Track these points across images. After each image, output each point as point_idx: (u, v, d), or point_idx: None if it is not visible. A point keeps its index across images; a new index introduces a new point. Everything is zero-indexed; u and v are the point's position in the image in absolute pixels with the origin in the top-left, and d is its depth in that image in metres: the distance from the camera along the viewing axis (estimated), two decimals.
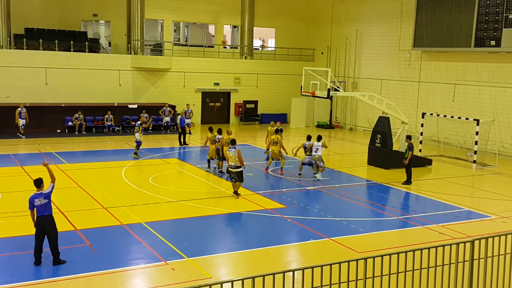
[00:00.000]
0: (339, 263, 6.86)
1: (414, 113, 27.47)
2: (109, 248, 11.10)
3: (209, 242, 11.89)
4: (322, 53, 34.97)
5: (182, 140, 24.25)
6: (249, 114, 34.04)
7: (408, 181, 17.68)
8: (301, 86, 22.98)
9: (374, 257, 7.14)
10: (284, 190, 16.73)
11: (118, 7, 31.21)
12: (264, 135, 22.28)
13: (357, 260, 6.97)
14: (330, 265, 6.72)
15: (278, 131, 20.11)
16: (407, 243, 11.88)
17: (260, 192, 16.15)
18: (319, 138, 18.29)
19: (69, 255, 10.56)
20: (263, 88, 34.20)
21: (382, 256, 7.19)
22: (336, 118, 33.76)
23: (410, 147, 17.54)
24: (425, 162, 21.02)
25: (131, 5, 30.83)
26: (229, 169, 15.47)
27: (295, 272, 7.07)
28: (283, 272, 6.55)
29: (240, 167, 15.27)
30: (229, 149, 15.43)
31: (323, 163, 18.29)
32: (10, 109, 25.45)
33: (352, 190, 17.01)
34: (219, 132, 19.01)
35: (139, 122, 21.54)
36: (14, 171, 17.75)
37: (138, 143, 21.29)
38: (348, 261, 6.94)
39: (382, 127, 20.71)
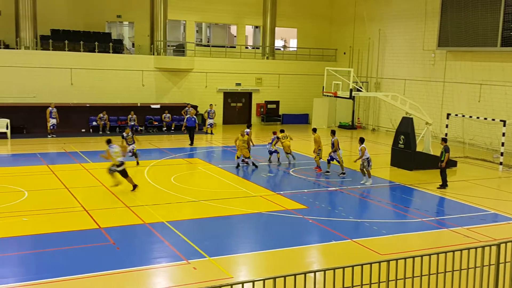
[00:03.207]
0: (361, 265, 6.80)
1: (439, 113, 27.09)
2: (132, 246, 11.20)
3: (231, 242, 11.91)
4: (344, 53, 34.76)
5: (192, 141, 24.28)
6: (271, 114, 34.02)
7: (444, 185, 17.24)
8: (323, 87, 22.86)
9: (397, 260, 7.05)
10: (305, 190, 16.66)
11: (141, 9, 31.51)
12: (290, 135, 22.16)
13: (379, 262, 6.90)
14: (352, 266, 6.67)
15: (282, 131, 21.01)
16: (431, 245, 11.70)
17: (281, 192, 16.12)
18: (361, 140, 17.72)
19: (93, 253, 10.70)
20: (285, 89, 34.14)
21: (405, 258, 7.10)
22: (358, 118, 33.50)
23: (447, 149, 17.15)
24: (450, 164, 20.69)
25: (154, 6, 31.11)
26: (115, 168, 15.46)
27: (317, 273, 7.02)
28: (305, 273, 6.51)
29: (123, 164, 15.41)
30: (112, 147, 15.58)
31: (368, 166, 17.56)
32: (37, 109, 25.89)
33: (375, 191, 16.85)
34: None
35: (125, 134, 19.47)
36: (40, 170, 18.04)
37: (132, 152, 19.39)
38: (371, 263, 6.86)
39: (406, 128, 20.47)
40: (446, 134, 22.57)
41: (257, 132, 30.42)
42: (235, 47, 35.00)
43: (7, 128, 24.77)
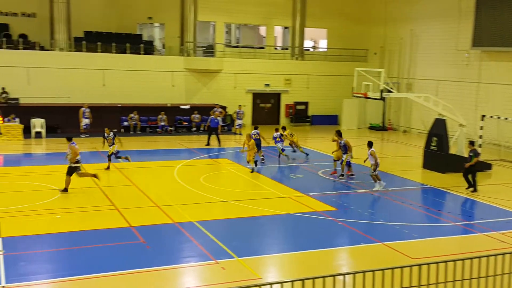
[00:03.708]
0: (392, 268, 6.69)
1: (473, 115, 26.48)
2: (161, 245, 11.29)
3: (259, 242, 11.89)
4: (375, 53, 34.37)
5: (216, 141, 24.34)
6: (300, 115, 33.88)
7: (474, 189, 16.71)
8: (353, 87, 22.65)
9: (429, 264, 6.92)
10: (334, 192, 16.53)
11: (172, 10, 31.83)
12: (316, 136, 22.12)
13: (411, 266, 6.78)
14: (383, 270, 6.57)
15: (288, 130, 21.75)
16: (465, 250, 11.45)
17: (310, 194, 16.02)
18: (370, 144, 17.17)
19: (124, 251, 10.85)
20: (314, 89, 33.96)
21: (437, 263, 6.96)
22: (389, 120, 33.07)
23: (476, 154, 16.65)
24: (484, 166, 20.22)
25: (185, 8, 31.38)
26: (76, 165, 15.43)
27: (346, 276, 6.95)
28: (333, 276, 6.45)
29: (78, 162, 15.38)
30: (74, 143, 15.53)
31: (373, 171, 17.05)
32: (71, 109, 26.42)
33: (406, 194, 16.59)
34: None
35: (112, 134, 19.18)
36: None
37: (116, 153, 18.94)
38: (401, 267, 6.75)
39: (439, 130, 20.10)
40: (480, 136, 22.07)
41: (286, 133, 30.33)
42: (264, 48, 35.01)
43: (42, 128, 25.36)
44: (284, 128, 21.90)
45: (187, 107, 29.32)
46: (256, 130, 21.02)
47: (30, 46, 28.34)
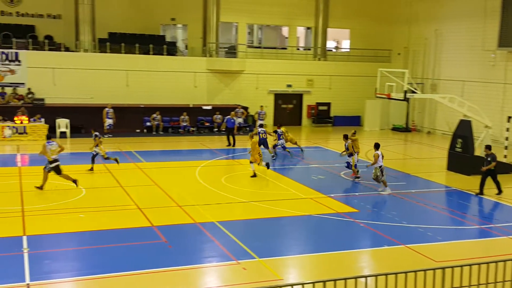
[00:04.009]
0: (415, 271, 6.60)
1: (499, 116, 25.99)
2: (183, 245, 11.35)
3: (281, 243, 11.87)
4: (398, 53, 34.02)
5: (231, 141, 24.37)
6: (322, 116, 33.73)
7: (499, 191, 16.40)
8: (376, 88, 22.45)
9: (453, 267, 6.81)
10: (356, 194, 16.40)
11: (195, 11, 32.01)
12: (338, 137, 21.99)
13: (434, 270, 6.68)
14: (405, 273, 6.49)
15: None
16: (489, 254, 11.23)
17: (332, 195, 15.93)
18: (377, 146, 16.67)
19: (146, 250, 10.93)
20: (337, 90, 33.77)
21: (461, 266, 6.84)
22: (413, 121, 32.68)
23: (494, 158, 16.35)
24: (509, 168, 19.84)
25: (207, 9, 31.55)
26: (49, 165, 15.40)
27: (368, 278, 6.88)
28: (355, 278, 6.39)
29: (56, 161, 15.34)
30: (50, 143, 15.50)
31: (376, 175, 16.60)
32: (95, 109, 26.75)
33: (430, 196, 16.36)
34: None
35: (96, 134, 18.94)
36: (97, 169, 18.58)
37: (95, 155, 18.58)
38: (425, 270, 6.66)
39: (464, 131, 19.78)
40: (506, 138, 21.64)
41: (308, 134, 30.28)
42: (286, 48, 34.96)
43: (67, 128, 25.75)
44: (280, 125, 22.40)
45: (209, 107, 29.44)
46: (262, 128, 21.33)
47: (55, 47, 28.82)
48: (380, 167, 16.18)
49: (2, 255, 10.41)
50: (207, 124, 29.18)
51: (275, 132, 21.84)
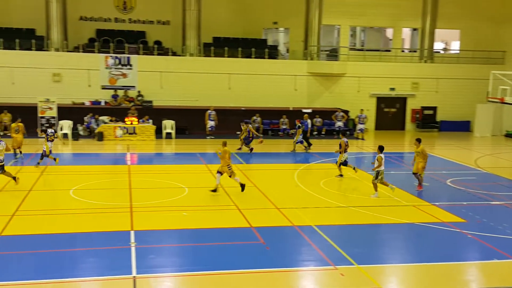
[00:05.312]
0: None
1: None
2: (281, 247, 11.36)
3: (380, 251, 11.49)
4: None
5: (308, 144, 24.00)
6: (427, 120, 32.30)
7: None
8: (488, 92, 21.06)
9: None
10: (464, 203, 15.45)
11: (297, 15, 32.13)
12: (444, 143, 20.89)
13: None
14: None
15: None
16: None
17: (437, 203, 15.15)
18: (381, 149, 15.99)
19: (244, 251, 11.08)
20: (444, 94, 32.18)
21: None
22: None
23: None
24: None
25: (310, 12, 31.52)
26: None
27: None
28: None
29: (2, 161, 15.36)
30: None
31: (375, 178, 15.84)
32: (198, 112, 27.73)
33: None
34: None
35: (51, 131, 18.98)
36: (199, 169, 19.25)
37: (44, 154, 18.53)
38: None
39: None
40: None
41: (412, 139, 29.07)
42: (390, 50, 33.95)
43: (172, 129, 26.96)
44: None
45: (309, 110, 29.30)
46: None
47: (163, 52, 30.33)
48: (378, 171, 15.69)
49: (112, 248, 11.07)
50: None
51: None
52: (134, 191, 15.74)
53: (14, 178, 15.80)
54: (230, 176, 15.75)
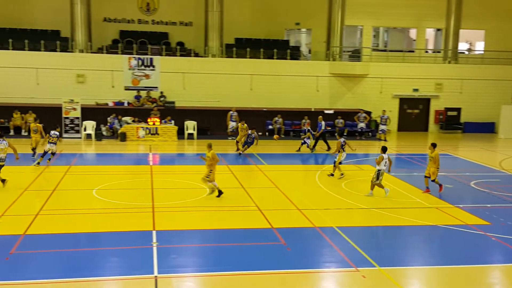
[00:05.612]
0: None
1: None
2: (302, 248, 11.34)
3: (403, 253, 11.38)
4: None
5: (327, 146, 23.95)
6: (451, 122, 31.86)
7: None
8: None
9: None
10: (488, 205, 15.20)
11: (319, 15, 32.05)
12: (468, 145, 20.58)
13: None
14: None
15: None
16: None
17: (460, 205, 14.94)
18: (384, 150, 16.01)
19: (266, 251, 11.09)
20: (468, 95, 31.71)
21: None
22: None
23: None
24: None
25: (332, 13, 31.42)
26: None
27: None
28: None
29: (2, 161, 15.40)
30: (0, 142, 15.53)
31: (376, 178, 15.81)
32: (220, 112, 27.84)
33: None
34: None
35: (54, 132, 19.09)
36: (220, 169, 19.26)
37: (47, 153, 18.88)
38: None
39: None
40: None
41: (435, 140, 28.64)
42: (413, 51, 33.60)
43: (194, 130, 27.12)
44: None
45: (331, 111, 29.20)
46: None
47: (186, 53, 30.54)
48: (379, 171, 15.58)
49: (134, 247, 11.17)
50: (329, 128, 28.89)
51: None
52: (156, 191, 15.87)
53: (3, 180, 15.58)
54: (203, 179, 15.15)
